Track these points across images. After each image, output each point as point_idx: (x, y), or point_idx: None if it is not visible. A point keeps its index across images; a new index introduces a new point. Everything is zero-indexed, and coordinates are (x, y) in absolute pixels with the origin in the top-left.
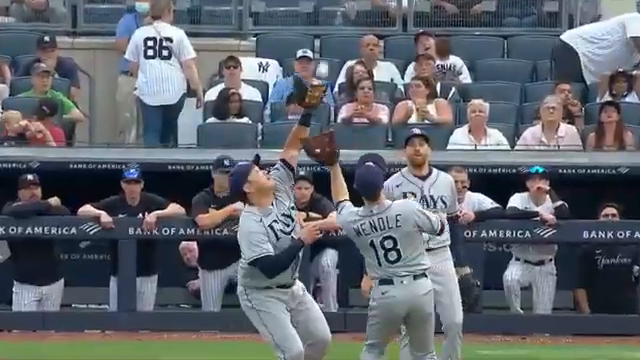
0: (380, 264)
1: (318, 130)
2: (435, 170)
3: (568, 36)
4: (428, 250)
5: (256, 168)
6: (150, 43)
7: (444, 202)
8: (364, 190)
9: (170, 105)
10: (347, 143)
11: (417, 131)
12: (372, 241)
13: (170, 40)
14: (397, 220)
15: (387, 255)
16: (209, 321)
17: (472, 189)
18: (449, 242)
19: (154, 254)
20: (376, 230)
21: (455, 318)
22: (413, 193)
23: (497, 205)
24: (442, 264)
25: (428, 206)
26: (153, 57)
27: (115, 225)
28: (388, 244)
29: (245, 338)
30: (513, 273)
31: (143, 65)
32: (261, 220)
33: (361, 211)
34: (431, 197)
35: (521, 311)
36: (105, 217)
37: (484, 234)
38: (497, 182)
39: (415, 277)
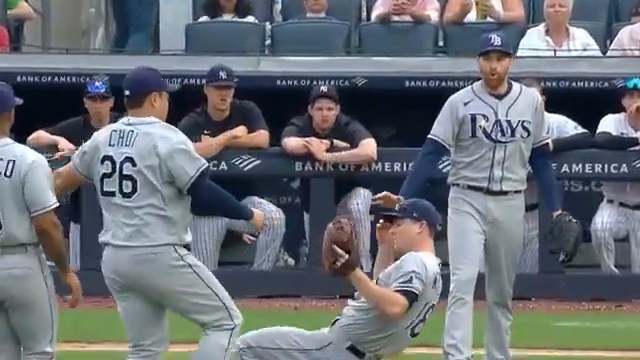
0: (410, 335)
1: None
2: (516, 85)
3: None
4: (499, 193)
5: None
6: None
7: (525, 129)
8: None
9: None
10: (385, 48)
11: (497, 42)
12: (433, 305)
13: None
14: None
15: (415, 328)
16: None
17: (550, 109)
18: (524, 187)
19: None
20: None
21: (504, 285)
22: (484, 116)
23: (583, 130)
24: (509, 213)
25: (504, 134)
26: None
27: None
28: (429, 314)
29: (250, 305)
30: (605, 220)
31: None
32: None
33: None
34: (508, 122)
35: (615, 270)
36: (65, 143)
37: (566, 169)
38: (583, 100)
39: None
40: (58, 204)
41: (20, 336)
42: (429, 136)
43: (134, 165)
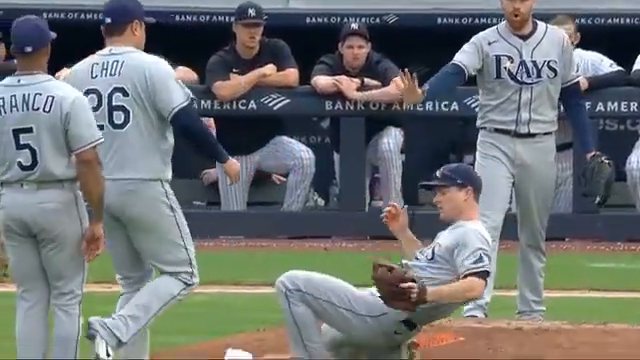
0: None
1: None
2: (541, 25)
3: None
4: (527, 136)
5: None
6: None
7: (552, 69)
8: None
9: None
10: None
11: None
12: None
13: None
14: None
15: None
16: (231, 223)
17: (584, 46)
18: (554, 128)
19: None
20: None
21: (536, 228)
22: (509, 57)
23: (618, 68)
24: (538, 155)
25: (529, 76)
26: None
27: None
28: None
29: (280, 246)
30: None
31: None
32: None
33: None
34: (533, 63)
35: None
36: None
37: (600, 107)
38: (619, 37)
39: None
40: (103, 139)
41: (49, 274)
42: (451, 61)
43: (126, 95)
